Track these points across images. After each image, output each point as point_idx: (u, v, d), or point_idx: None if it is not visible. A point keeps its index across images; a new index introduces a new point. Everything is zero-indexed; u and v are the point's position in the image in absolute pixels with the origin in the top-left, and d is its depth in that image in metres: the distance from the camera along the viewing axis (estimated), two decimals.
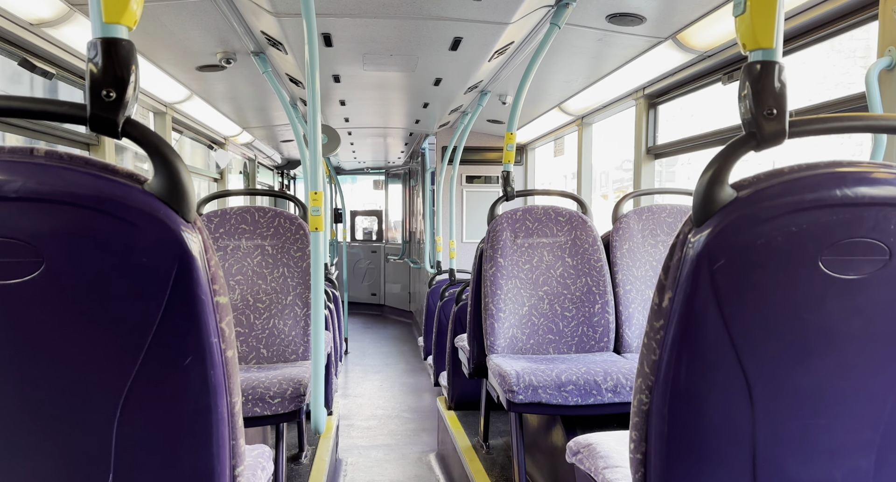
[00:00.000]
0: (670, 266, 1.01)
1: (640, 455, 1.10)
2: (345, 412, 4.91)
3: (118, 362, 0.88)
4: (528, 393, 2.22)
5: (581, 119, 4.62)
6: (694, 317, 0.98)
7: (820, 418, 1.02)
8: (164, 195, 0.86)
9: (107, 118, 0.83)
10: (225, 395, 0.94)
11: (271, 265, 2.73)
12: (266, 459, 1.42)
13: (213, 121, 4.79)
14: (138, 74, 0.85)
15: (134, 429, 0.90)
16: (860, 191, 0.93)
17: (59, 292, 0.85)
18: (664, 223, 2.88)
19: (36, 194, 0.82)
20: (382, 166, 10.01)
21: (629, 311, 2.78)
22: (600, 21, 2.77)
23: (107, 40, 0.82)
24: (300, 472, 2.83)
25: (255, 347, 2.68)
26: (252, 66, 3.37)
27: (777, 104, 0.93)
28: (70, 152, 0.85)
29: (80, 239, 0.84)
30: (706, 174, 0.97)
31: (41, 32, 2.42)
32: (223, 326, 0.93)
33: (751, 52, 0.94)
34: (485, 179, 6.34)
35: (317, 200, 2.12)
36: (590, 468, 1.46)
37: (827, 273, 0.95)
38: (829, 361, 0.99)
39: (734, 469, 1.04)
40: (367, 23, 2.76)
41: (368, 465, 3.77)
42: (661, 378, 1.03)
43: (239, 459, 1.01)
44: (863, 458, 1.03)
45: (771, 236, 0.94)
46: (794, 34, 2.38)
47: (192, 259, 0.87)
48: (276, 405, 2.11)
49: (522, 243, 2.80)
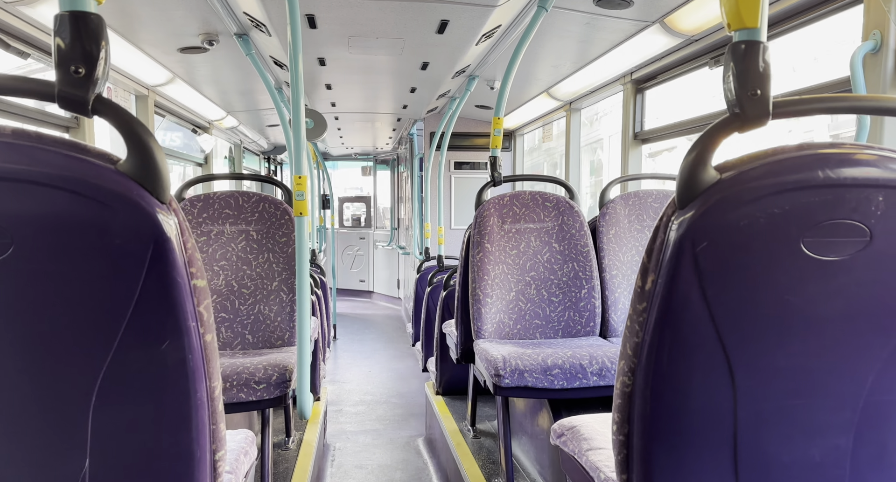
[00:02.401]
0: (653, 248, 1.01)
1: (623, 436, 1.11)
2: (333, 398, 4.91)
3: (92, 346, 0.86)
4: (515, 377, 2.23)
5: (569, 104, 4.61)
6: (676, 299, 0.98)
7: (800, 398, 1.02)
8: (138, 175, 0.84)
9: (76, 95, 0.80)
10: (204, 380, 0.93)
11: (256, 250, 2.70)
12: (249, 444, 1.41)
13: (197, 104, 4.71)
14: (108, 50, 0.82)
15: (110, 413, 0.89)
16: (842, 172, 0.93)
17: (29, 274, 0.83)
18: (650, 208, 2.88)
19: (3, 173, 0.79)
20: (370, 152, 9.94)
21: (615, 296, 2.79)
22: (588, 4, 2.74)
23: (74, 14, 0.79)
24: (287, 458, 2.83)
25: (241, 333, 2.66)
26: (236, 49, 3.31)
27: (761, 84, 0.92)
28: (39, 131, 0.83)
29: (51, 220, 0.82)
30: (690, 156, 0.96)
31: (15, 10, 2.36)
32: (201, 310, 0.92)
33: (735, 31, 0.93)
34: (473, 165, 6.32)
35: (301, 185, 2.09)
36: (573, 450, 1.47)
37: (809, 254, 0.95)
38: (810, 342, 0.99)
39: (715, 449, 1.04)
40: (352, 4, 2.71)
41: (356, 450, 3.79)
42: (643, 360, 1.03)
43: (219, 444, 1.00)
44: (842, 437, 1.04)
45: (754, 218, 0.93)
46: (778, 18, 2.38)
47: (167, 241, 0.85)
48: (262, 391, 2.10)
49: (510, 229, 2.79)
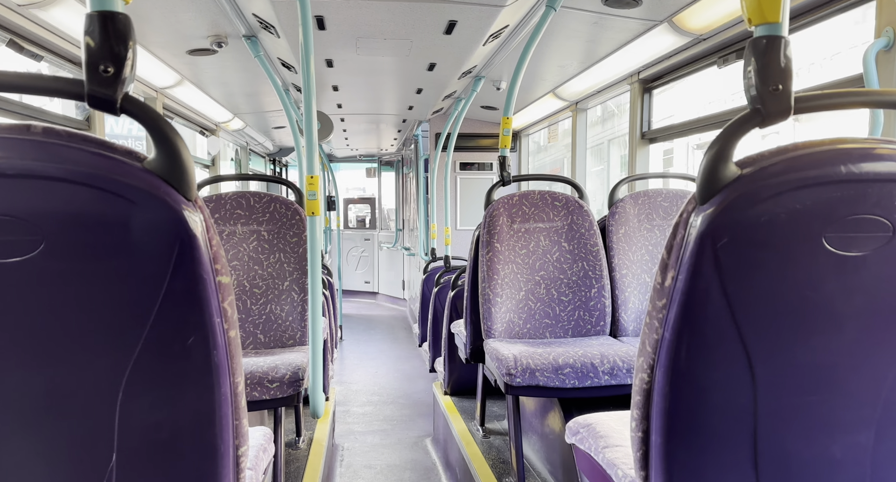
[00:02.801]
0: (673, 244, 1.01)
1: (642, 433, 1.11)
2: (340, 398, 4.92)
3: (120, 341, 0.87)
4: (526, 376, 2.23)
5: (575, 104, 4.61)
6: (697, 296, 0.98)
7: (820, 395, 1.02)
8: (164, 173, 0.85)
9: (105, 94, 0.81)
10: (228, 375, 0.94)
11: (267, 250, 2.71)
12: (268, 441, 1.42)
13: (205, 107, 4.73)
14: (135, 50, 0.83)
15: (137, 409, 0.90)
16: (864, 167, 0.93)
17: (59, 271, 0.83)
18: (660, 207, 2.88)
19: (34, 171, 0.80)
20: (375, 153, 9.95)
21: (625, 295, 2.79)
22: (596, 3, 2.75)
23: (103, 13, 0.80)
24: (298, 457, 2.84)
25: (253, 333, 2.67)
26: (244, 51, 3.33)
27: (783, 80, 0.92)
28: (68, 129, 0.83)
29: (80, 217, 0.82)
30: (710, 151, 0.96)
31: (29, 14, 2.37)
32: (225, 306, 0.92)
33: (756, 26, 0.94)
34: (479, 166, 6.32)
35: (313, 184, 2.10)
36: (590, 448, 1.47)
37: (830, 250, 0.95)
38: (831, 338, 0.99)
39: (735, 445, 1.04)
40: (360, 5, 2.72)
41: (365, 450, 3.79)
42: (662, 356, 1.03)
43: (242, 439, 1.00)
44: (862, 434, 1.04)
45: (775, 213, 0.94)
46: (796, 13, 2.37)
47: (193, 238, 0.85)
48: (275, 389, 2.11)
49: (519, 228, 2.79)
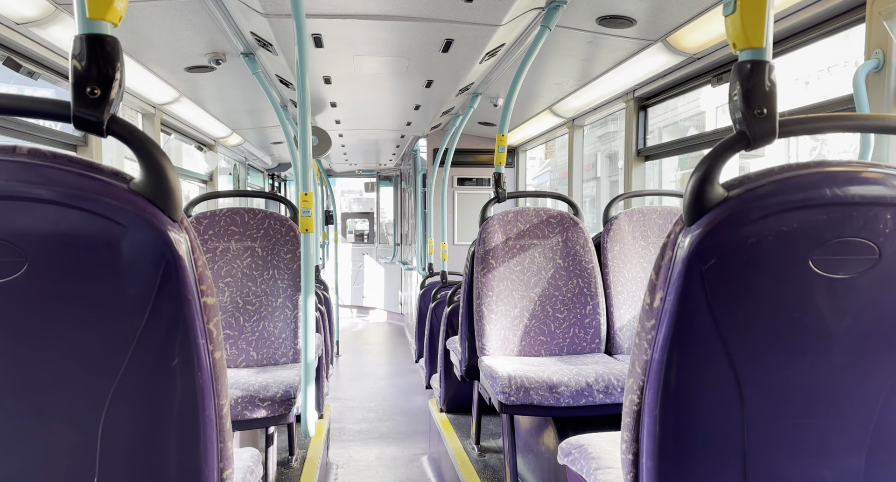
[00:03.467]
0: (661, 265, 1.01)
1: (632, 455, 1.10)
2: (336, 415, 4.88)
3: (104, 363, 0.86)
4: (520, 394, 2.22)
5: (572, 121, 4.64)
6: (685, 317, 0.98)
7: (811, 418, 1.02)
8: (151, 194, 0.85)
9: (91, 116, 0.81)
10: (213, 397, 0.93)
11: (261, 267, 2.71)
12: (255, 462, 1.40)
13: (203, 122, 4.76)
14: (123, 72, 0.83)
15: (120, 430, 0.89)
16: (850, 190, 0.93)
17: (43, 292, 0.83)
18: (655, 225, 2.88)
19: (19, 193, 0.80)
20: (374, 169, 9.99)
21: (620, 313, 2.78)
22: (591, 23, 2.77)
23: (91, 36, 0.81)
24: (290, 477, 2.80)
25: (245, 350, 2.65)
26: (242, 67, 3.35)
27: (767, 103, 0.93)
28: (54, 150, 0.84)
29: (65, 238, 0.82)
30: (697, 173, 0.97)
31: (27, 31, 2.39)
32: (210, 327, 0.92)
33: (741, 51, 0.95)
34: (476, 181, 6.34)
35: (307, 201, 2.11)
36: (581, 469, 1.46)
37: (817, 272, 0.95)
38: (820, 361, 0.99)
39: (725, 468, 1.03)
40: (357, 24, 2.75)
41: (360, 469, 3.75)
42: (652, 378, 1.03)
43: (227, 462, 0.99)
44: (853, 458, 1.03)
45: (762, 235, 0.94)
46: (782, 37, 2.40)
47: (178, 259, 0.85)
48: (266, 408, 2.09)
49: (514, 245, 2.79)
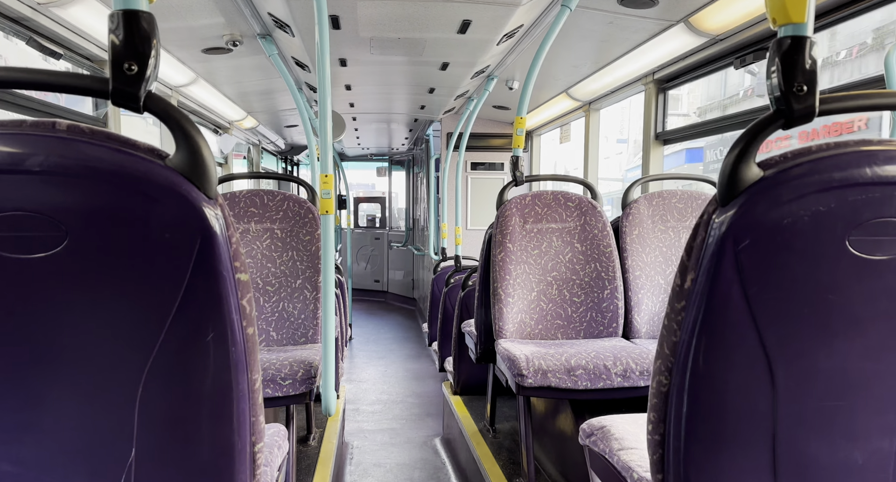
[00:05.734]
0: (693, 246, 1.00)
1: (659, 436, 1.10)
2: (350, 397, 4.93)
3: (141, 337, 0.87)
4: (538, 377, 2.23)
5: (588, 104, 4.59)
6: (717, 298, 0.97)
7: (842, 400, 1.01)
8: (186, 171, 0.85)
9: (129, 92, 0.82)
10: (245, 372, 0.94)
11: (280, 248, 2.72)
12: (282, 438, 1.42)
13: (218, 105, 4.76)
14: (159, 48, 0.83)
15: (156, 405, 0.90)
16: (890, 169, 0.91)
17: (82, 267, 0.84)
18: (674, 209, 2.86)
19: (58, 168, 0.81)
20: (386, 153, 9.97)
21: (638, 297, 2.77)
22: (612, 3, 2.73)
23: (128, 12, 0.81)
24: (308, 454, 2.84)
25: (265, 330, 2.68)
26: (258, 50, 3.34)
27: (807, 80, 0.91)
28: (91, 127, 0.84)
29: (103, 214, 0.83)
30: (732, 152, 0.95)
31: (49, 12, 2.40)
32: (244, 303, 0.93)
33: (781, 26, 0.92)
34: (490, 166, 6.31)
35: (327, 183, 2.11)
36: (604, 450, 1.46)
37: (854, 253, 0.93)
38: (853, 343, 0.98)
39: (754, 450, 1.03)
40: (375, 4, 2.72)
41: (374, 449, 3.80)
42: (681, 359, 1.03)
43: (259, 436, 1.01)
44: (885, 441, 1.03)
45: (798, 216, 0.92)
46: (821, 12, 2.34)
47: (214, 235, 0.86)
48: (288, 387, 2.12)
49: (531, 228, 2.78)
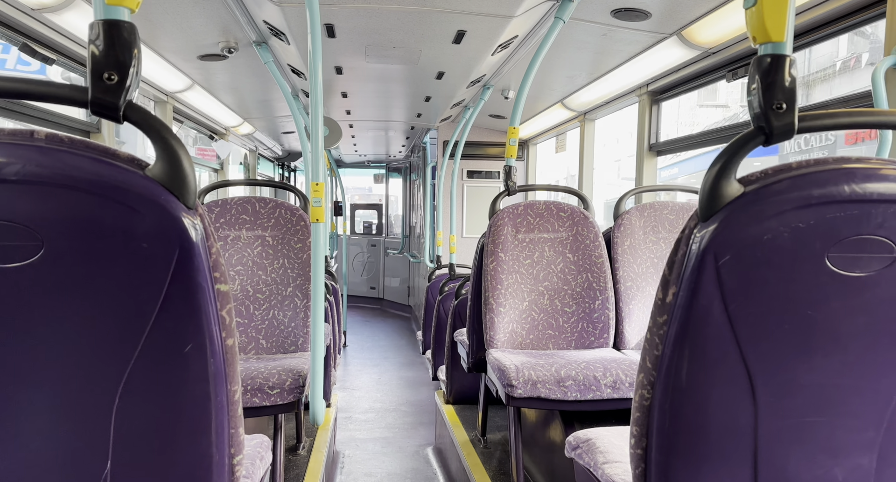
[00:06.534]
0: (675, 260, 1.00)
1: (641, 450, 1.10)
2: (343, 404, 4.91)
3: (117, 349, 0.87)
4: (528, 387, 2.22)
5: (583, 114, 4.61)
6: (698, 313, 0.97)
7: (822, 416, 1.01)
8: (166, 180, 0.85)
9: (108, 101, 0.82)
10: (224, 384, 0.93)
11: (272, 256, 2.72)
12: (265, 449, 1.41)
13: (215, 111, 4.77)
14: (140, 58, 0.84)
15: (132, 416, 0.90)
16: (869, 187, 0.92)
17: (58, 277, 0.84)
18: (666, 220, 2.87)
19: (36, 177, 0.81)
20: (383, 160, 9.99)
21: (629, 308, 2.77)
22: (605, 16, 2.75)
23: (108, 22, 0.81)
24: (298, 464, 2.83)
25: (255, 338, 2.67)
26: (254, 56, 3.35)
27: (787, 98, 0.92)
28: (70, 136, 0.84)
29: (80, 223, 0.83)
30: (713, 168, 0.96)
31: (42, 17, 2.40)
32: (223, 314, 0.92)
33: (761, 45, 0.93)
34: (486, 174, 6.32)
35: (318, 191, 2.11)
36: (589, 463, 1.46)
37: (833, 270, 0.94)
38: (834, 359, 0.98)
39: (735, 465, 1.03)
40: (370, 13, 2.74)
41: (366, 458, 3.78)
42: (663, 373, 1.02)
43: (238, 448, 1.00)
44: (865, 457, 1.03)
45: (778, 232, 0.93)
46: (801, 31, 2.37)
47: (192, 245, 0.86)
48: (276, 396, 2.11)
49: (524, 238, 2.79)
